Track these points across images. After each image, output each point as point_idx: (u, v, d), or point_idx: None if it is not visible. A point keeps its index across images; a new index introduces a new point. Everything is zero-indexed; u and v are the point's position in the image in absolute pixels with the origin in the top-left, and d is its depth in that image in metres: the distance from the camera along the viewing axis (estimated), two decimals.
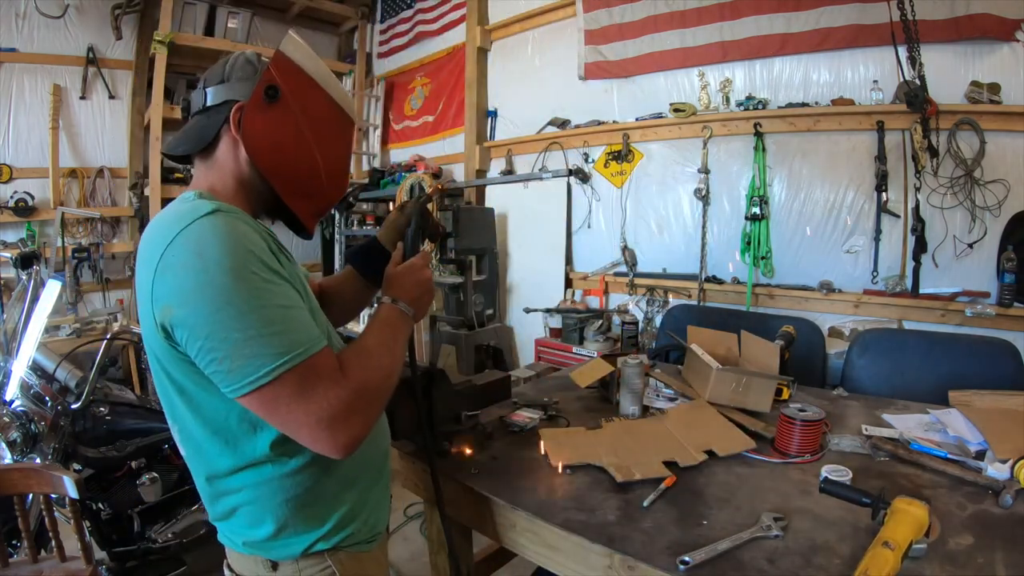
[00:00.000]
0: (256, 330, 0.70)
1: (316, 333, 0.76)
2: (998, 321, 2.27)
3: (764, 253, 2.85)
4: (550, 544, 1.04)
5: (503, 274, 3.94)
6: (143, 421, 1.94)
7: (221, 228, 0.73)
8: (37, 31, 3.91)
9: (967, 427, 1.29)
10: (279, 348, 0.71)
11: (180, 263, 0.71)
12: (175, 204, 0.82)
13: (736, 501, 1.07)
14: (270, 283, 0.73)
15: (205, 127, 0.87)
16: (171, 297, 0.71)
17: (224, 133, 0.86)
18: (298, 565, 0.86)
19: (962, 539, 0.93)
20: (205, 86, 0.88)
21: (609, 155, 3.40)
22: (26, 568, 1.56)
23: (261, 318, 0.71)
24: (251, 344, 0.70)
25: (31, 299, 2.28)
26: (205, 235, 0.72)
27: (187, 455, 0.88)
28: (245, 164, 0.86)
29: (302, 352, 0.72)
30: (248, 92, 0.85)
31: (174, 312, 0.71)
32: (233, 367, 0.70)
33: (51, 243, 3.94)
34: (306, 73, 0.90)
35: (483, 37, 4.01)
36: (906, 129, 2.45)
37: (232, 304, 0.70)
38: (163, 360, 0.78)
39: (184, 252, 0.71)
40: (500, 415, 1.49)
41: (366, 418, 0.78)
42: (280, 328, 0.72)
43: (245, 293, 0.71)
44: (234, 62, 0.89)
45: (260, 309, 0.71)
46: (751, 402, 1.44)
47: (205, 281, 0.70)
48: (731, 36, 2.89)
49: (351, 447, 0.76)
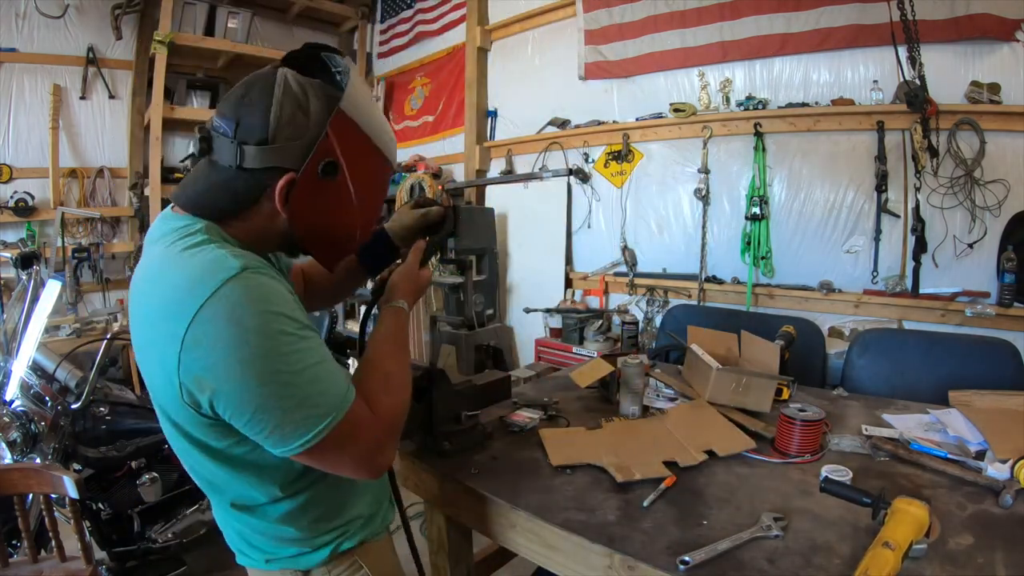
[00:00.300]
0: (301, 397, 0.71)
1: (346, 383, 0.77)
2: (998, 321, 2.27)
3: (764, 253, 2.85)
4: (550, 544, 1.04)
5: (503, 274, 3.94)
6: (143, 421, 1.94)
7: (254, 292, 0.70)
8: (37, 31, 3.90)
9: (967, 427, 1.29)
10: (323, 409, 0.73)
11: (216, 336, 0.67)
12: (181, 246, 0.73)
13: (736, 501, 1.07)
14: (304, 340, 0.73)
15: (240, 192, 0.76)
16: (208, 372, 0.68)
17: (264, 199, 0.77)
18: (327, 569, 0.88)
19: (962, 539, 0.93)
20: (240, 140, 0.74)
21: (609, 155, 3.39)
22: (26, 568, 1.56)
23: (304, 381, 0.72)
24: (299, 411, 0.71)
25: (31, 299, 2.28)
26: (239, 303, 0.68)
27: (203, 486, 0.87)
28: (281, 225, 0.80)
29: (341, 408, 0.74)
30: (299, 160, 0.75)
31: (214, 387, 0.69)
32: (284, 433, 0.71)
33: (51, 243, 3.94)
34: (362, 131, 0.81)
35: (483, 37, 4.01)
36: (906, 129, 2.45)
37: (277, 374, 0.70)
38: (182, 423, 0.76)
39: (218, 324, 0.67)
40: (500, 415, 1.49)
41: (397, 439, 0.85)
42: (321, 388, 0.73)
43: (286, 361, 0.70)
44: (280, 112, 0.74)
45: (302, 373, 0.71)
46: (751, 402, 1.44)
47: (247, 356, 0.68)
48: (731, 36, 2.89)
49: (387, 468, 0.87)
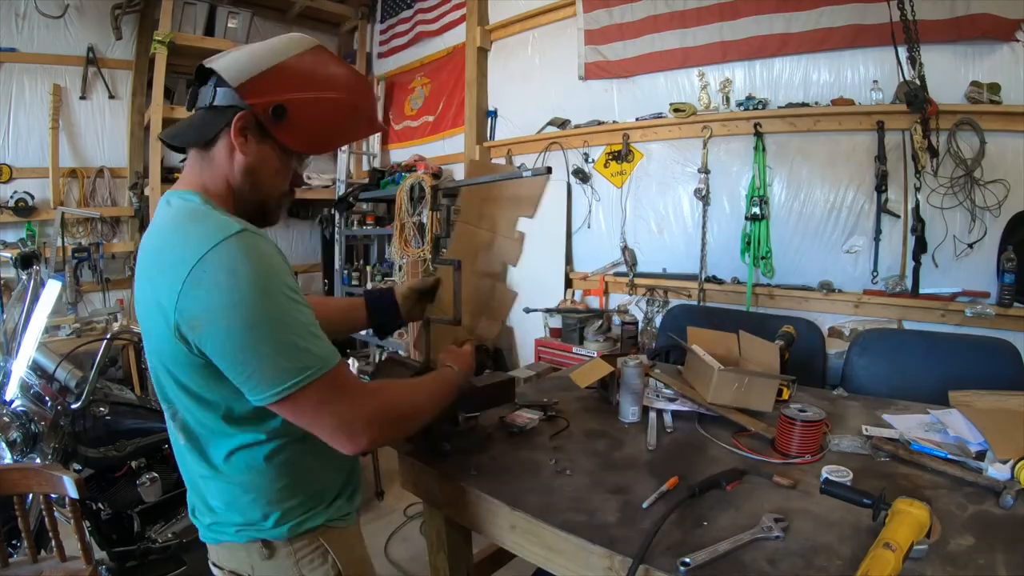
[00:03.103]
0: (284, 345, 0.77)
1: (334, 349, 0.82)
2: (998, 321, 2.27)
3: (764, 253, 2.85)
4: (550, 545, 1.04)
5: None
6: (143, 421, 1.94)
7: (252, 249, 0.77)
8: (37, 31, 3.90)
9: (967, 427, 1.29)
10: (304, 363, 0.78)
11: (213, 282, 0.74)
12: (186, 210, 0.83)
13: (736, 502, 1.07)
14: (296, 303, 0.79)
15: (208, 125, 0.86)
16: (203, 314, 0.75)
17: (223, 135, 0.86)
18: (292, 547, 0.91)
19: (963, 540, 0.93)
20: (216, 83, 0.86)
21: (609, 155, 3.39)
22: (26, 568, 1.56)
23: (290, 334, 0.77)
24: (281, 357, 0.76)
25: (31, 299, 2.28)
26: (238, 255, 0.75)
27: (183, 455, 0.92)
28: (238, 171, 0.87)
29: (323, 367, 0.79)
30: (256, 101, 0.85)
31: (204, 328, 0.75)
32: (263, 378, 0.76)
33: (51, 243, 3.93)
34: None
35: (483, 37, 4.01)
36: (906, 129, 2.45)
37: (264, 322, 0.76)
38: (171, 364, 0.83)
39: (217, 271, 0.74)
40: (500, 416, 1.48)
41: (382, 432, 0.87)
42: (306, 344, 0.79)
43: (276, 311, 0.76)
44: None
45: (289, 326, 0.77)
46: (753, 402, 1.44)
47: (239, 300, 0.74)
48: (731, 36, 2.89)
49: (363, 450, 0.86)
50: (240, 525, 0.90)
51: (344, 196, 4.39)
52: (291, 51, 0.88)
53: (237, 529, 0.90)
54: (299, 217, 5.20)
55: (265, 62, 0.86)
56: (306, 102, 0.87)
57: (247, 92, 0.84)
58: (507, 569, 1.72)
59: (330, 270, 4.73)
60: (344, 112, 0.92)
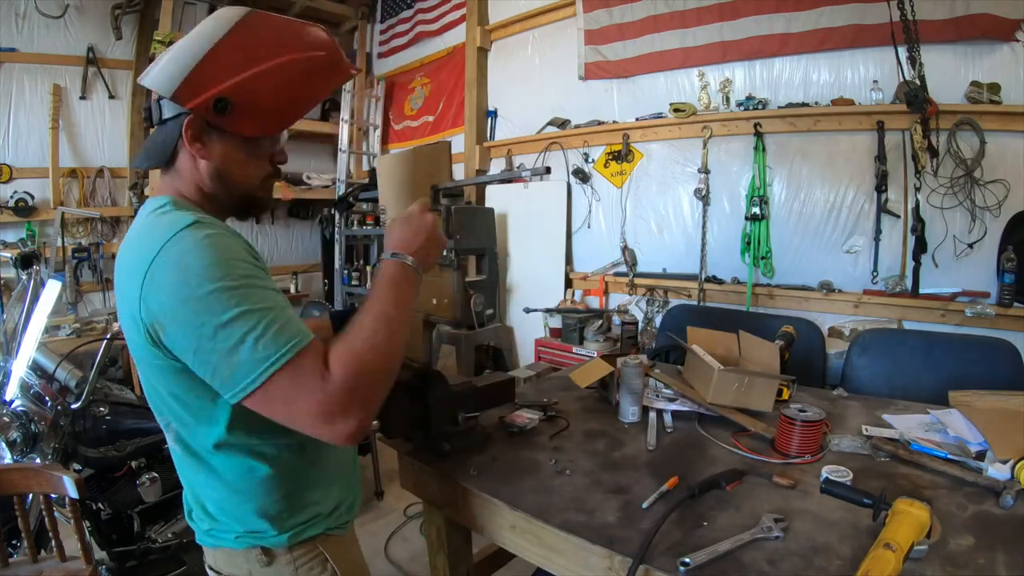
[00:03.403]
0: (240, 338, 0.71)
1: (301, 328, 0.75)
2: (998, 321, 2.27)
3: (764, 253, 2.85)
4: (550, 545, 1.04)
5: (503, 274, 3.93)
6: (143, 421, 1.93)
7: (201, 240, 0.74)
8: (37, 31, 3.90)
9: (967, 427, 1.29)
10: (263, 352, 0.71)
11: (166, 279, 0.72)
12: (151, 215, 0.81)
13: (736, 502, 1.07)
14: (255, 288, 0.74)
15: (163, 142, 0.84)
16: (161, 313, 0.73)
17: (181, 148, 0.83)
18: (292, 555, 0.89)
19: (963, 540, 0.93)
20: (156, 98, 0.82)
21: (609, 155, 3.39)
22: (26, 568, 1.56)
23: (243, 325, 0.71)
24: (237, 352, 0.71)
25: (31, 299, 2.27)
26: (186, 248, 0.73)
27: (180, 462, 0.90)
28: (207, 176, 0.85)
29: (287, 351, 0.72)
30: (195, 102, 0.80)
31: (167, 328, 0.73)
32: (226, 375, 0.72)
33: (51, 243, 3.93)
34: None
35: (483, 37, 4.01)
36: (906, 129, 2.45)
37: (215, 315, 0.71)
38: (154, 373, 0.81)
39: (167, 267, 0.73)
40: (499, 416, 1.48)
41: (365, 403, 0.76)
42: (262, 332, 0.72)
43: (225, 303, 0.71)
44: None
45: (241, 316, 0.71)
46: (753, 402, 1.44)
47: (187, 295, 0.71)
48: (731, 36, 2.89)
49: (355, 435, 0.75)
50: (240, 533, 0.88)
51: (344, 196, 4.40)
52: (217, 34, 0.80)
53: (237, 536, 0.88)
54: (299, 217, 5.20)
55: (191, 58, 0.79)
56: (248, 81, 0.80)
57: (183, 96, 0.79)
58: (507, 569, 1.72)
59: (330, 270, 4.73)
60: (299, 73, 0.83)
